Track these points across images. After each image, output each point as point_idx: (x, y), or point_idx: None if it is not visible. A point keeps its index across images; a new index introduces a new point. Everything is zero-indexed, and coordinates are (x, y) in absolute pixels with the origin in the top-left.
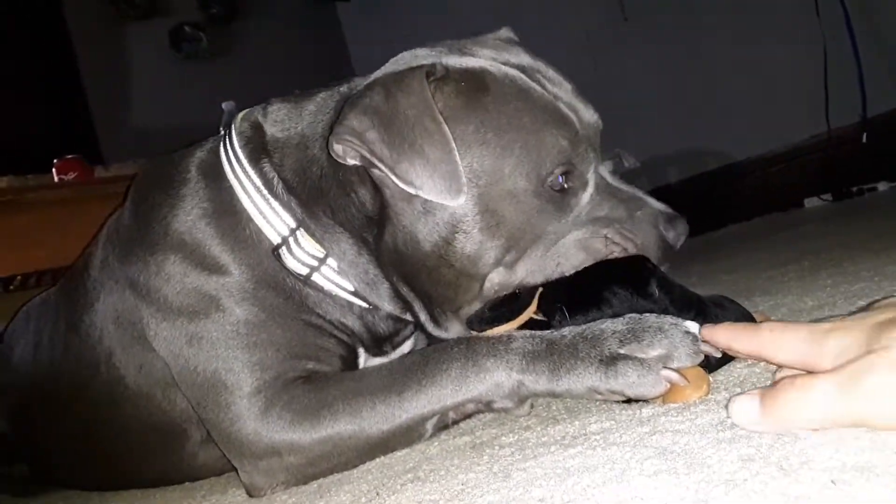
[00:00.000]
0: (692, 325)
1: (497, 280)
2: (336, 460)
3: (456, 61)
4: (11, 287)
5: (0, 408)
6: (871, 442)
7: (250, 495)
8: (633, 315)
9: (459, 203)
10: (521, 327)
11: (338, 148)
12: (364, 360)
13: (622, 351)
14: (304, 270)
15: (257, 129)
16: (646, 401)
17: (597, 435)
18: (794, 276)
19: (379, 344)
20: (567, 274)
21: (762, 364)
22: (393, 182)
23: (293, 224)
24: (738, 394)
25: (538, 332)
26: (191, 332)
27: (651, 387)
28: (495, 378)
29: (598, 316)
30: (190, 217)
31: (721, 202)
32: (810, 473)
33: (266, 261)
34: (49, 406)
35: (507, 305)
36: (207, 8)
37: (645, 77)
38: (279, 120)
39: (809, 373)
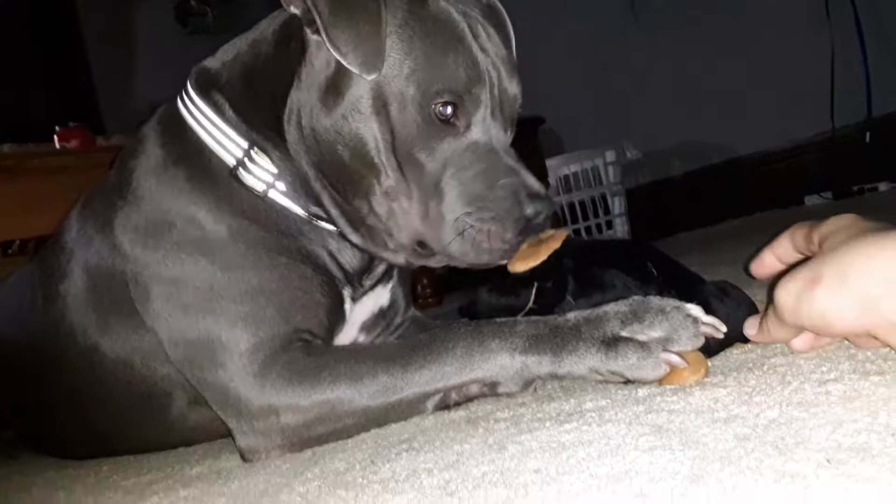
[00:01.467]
0: (695, 308)
1: (390, 191)
2: (332, 425)
3: None
4: (10, 251)
5: None
6: (867, 424)
7: (244, 459)
8: (637, 297)
9: (370, 79)
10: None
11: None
12: (350, 306)
13: (623, 332)
14: (261, 187)
15: (203, 69)
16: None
17: (592, 412)
18: None
19: (354, 278)
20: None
21: (759, 348)
22: (317, 49)
23: (245, 145)
24: (734, 377)
25: (542, 317)
26: (176, 286)
27: (651, 370)
28: (499, 359)
29: (601, 300)
30: (158, 166)
31: (723, 196)
32: (805, 453)
33: (235, 190)
34: (32, 376)
35: (507, 302)
36: None
37: (651, 71)
38: (221, 54)
39: None
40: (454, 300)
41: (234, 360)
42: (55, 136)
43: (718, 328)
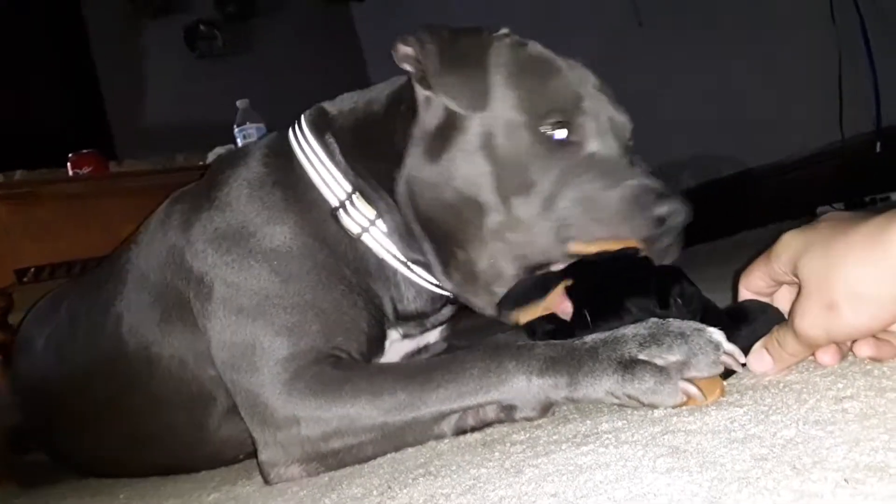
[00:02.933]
0: (716, 333)
1: (498, 228)
2: (350, 440)
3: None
4: (25, 280)
5: (15, 395)
6: (885, 442)
7: (264, 475)
8: (657, 320)
9: (472, 118)
10: (549, 320)
11: (399, 48)
12: (390, 343)
13: (641, 355)
14: (357, 230)
15: (321, 110)
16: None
17: (608, 434)
18: None
19: (407, 320)
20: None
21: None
22: (426, 105)
23: (349, 189)
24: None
25: (560, 341)
26: (237, 289)
27: (667, 396)
28: (516, 381)
29: (619, 324)
30: (255, 180)
31: (734, 208)
32: (823, 472)
33: (323, 223)
34: (72, 387)
35: (536, 290)
36: (223, 6)
37: (659, 82)
38: (339, 101)
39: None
40: None
41: (270, 366)
42: (68, 163)
43: (738, 359)
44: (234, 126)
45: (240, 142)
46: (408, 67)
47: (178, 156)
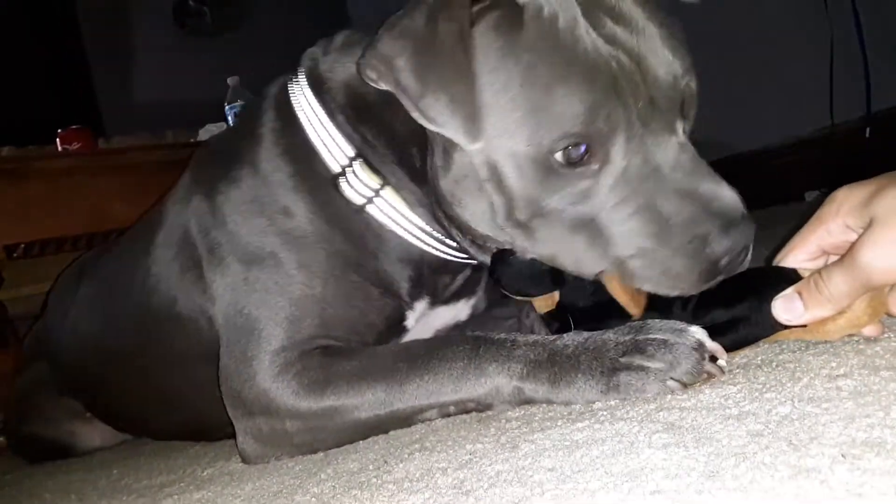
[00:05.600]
0: (699, 332)
1: (518, 242)
2: (329, 434)
3: None
4: (15, 255)
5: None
6: (880, 419)
7: (243, 458)
8: (638, 322)
9: (476, 148)
10: (553, 314)
11: (368, 73)
12: (416, 319)
13: (624, 360)
14: (359, 200)
15: (315, 63)
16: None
17: (603, 411)
18: None
19: (432, 290)
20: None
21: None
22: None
23: (352, 153)
24: (743, 374)
25: (542, 340)
26: (249, 265)
27: (650, 395)
28: (495, 382)
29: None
30: (266, 152)
31: None
32: (820, 448)
33: (333, 197)
34: (106, 340)
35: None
36: None
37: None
38: (336, 50)
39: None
40: None
41: (260, 357)
42: (57, 139)
43: (721, 363)
44: (225, 103)
45: (230, 119)
46: (387, 87)
47: (168, 132)
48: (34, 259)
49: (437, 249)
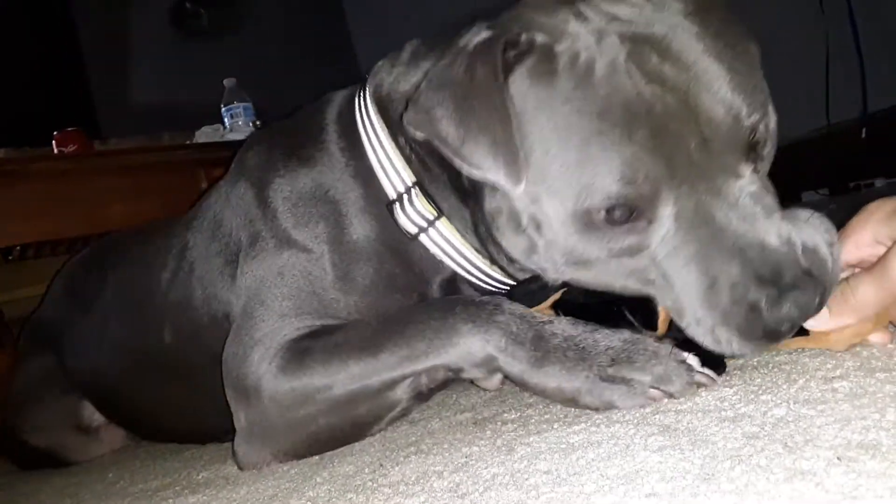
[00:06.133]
0: (690, 357)
1: (562, 278)
2: (306, 410)
3: (544, 25)
4: (10, 258)
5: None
6: (876, 421)
7: (236, 462)
8: (631, 335)
9: (519, 192)
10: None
11: (410, 129)
12: None
13: (610, 370)
14: (413, 229)
15: (384, 80)
16: None
17: (599, 414)
18: None
19: None
20: None
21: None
22: None
23: (409, 181)
24: (738, 376)
25: (530, 316)
26: (284, 265)
27: (631, 404)
28: (469, 345)
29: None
30: (338, 170)
31: None
32: (815, 450)
33: (392, 222)
34: (138, 335)
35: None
36: None
37: None
38: (403, 64)
39: None
40: None
41: (266, 343)
42: (53, 141)
43: (714, 380)
44: (222, 105)
45: (227, 121)
46: (427, 138)
47: (165, 134)
48: (30, 261)
49: (483, 282)
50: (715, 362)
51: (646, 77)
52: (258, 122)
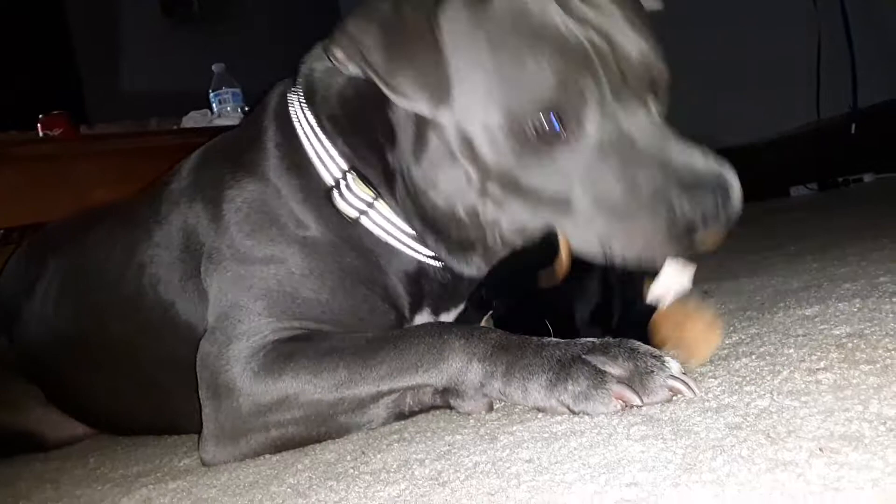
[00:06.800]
0: (671, 361)
1: (490, 216)
2: (283, 414)
3: None
4: None
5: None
6: (859, 413)
7: (200, 453)
8: (613, 339)
9: (440, 116)
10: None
11: (336, 54)
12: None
13: (584, 356)
14: (353, 213)
15: (311, 73)
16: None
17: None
18: (780, 260)
19: (433, 298)
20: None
21: (748, 337)
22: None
23: (345, 166)
24: (723, 366)
25: (520, 336)
26: (251, 271)
27: (600, 404)
28: (455, 361)
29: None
30: (274, 164)
31: None
32: (798, 441)
33: (334, 210)
34: (86, 327)
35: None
36: None
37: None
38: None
39: None
40: None
41: (243, 343)
42: (38, 124)
43: (693, 389)
44: (210, 90)
45: (215, 107)
46: (354, 70)
47: (152, 120)
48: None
49: (431, 258)
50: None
51: (571, 16)
52: (246, 108)
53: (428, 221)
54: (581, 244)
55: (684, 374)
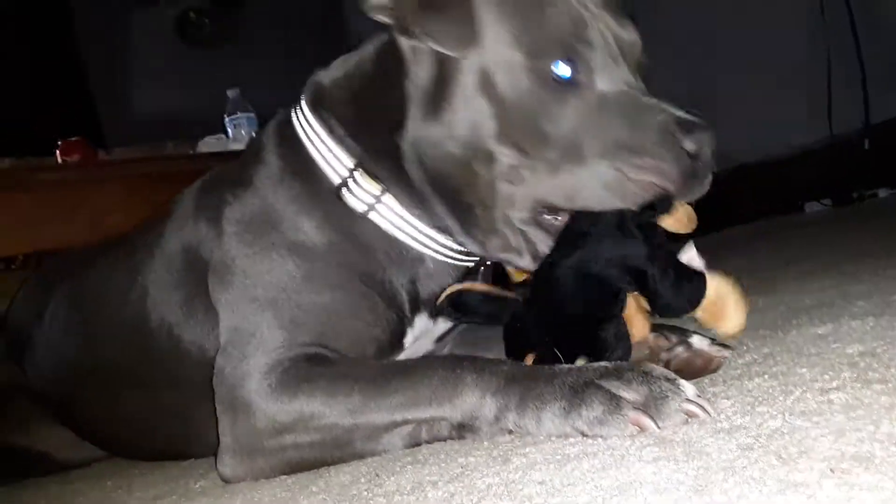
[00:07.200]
0: (686, 385)
1: (510, 173)
2: (299, 436)
3: None
4: (13, 266)
5: (33, 367)
6: (870, 433)
7: (221, 475)
8: (625, 363)
9: (468, 55)
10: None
11: (374, 1)
12: (420, 331)
13: (598, 382)
14: (362, 208)
15: (317, 84)
16: None
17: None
18: (793, 276)
19: (429, 305)
20: (594, 209)
21: (760, 357)
22: (414, 57)
23: (351, 164)
24: (736, 386)
25: (530, 366)
26: (255, 280)
27: (615, 428)
28: (470, 396)
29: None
30: (275, 175)
31: (723, 204)
32: (809, 462)
33: (339, 207)
34: (93, 352)
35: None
36: None
37: (646, 78)
38: (333, 70)
39: None
40: None
41: (257, 356)
42: (57, 151)
43: (707, 410)
44: (225, 115)
45: (230, 131)
46: (384, 19)
47: (168, 144)
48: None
49: (437, 252)
50: None
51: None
52: None
53: (444, 189)
54: (593, 194)
55: (699, 395)
